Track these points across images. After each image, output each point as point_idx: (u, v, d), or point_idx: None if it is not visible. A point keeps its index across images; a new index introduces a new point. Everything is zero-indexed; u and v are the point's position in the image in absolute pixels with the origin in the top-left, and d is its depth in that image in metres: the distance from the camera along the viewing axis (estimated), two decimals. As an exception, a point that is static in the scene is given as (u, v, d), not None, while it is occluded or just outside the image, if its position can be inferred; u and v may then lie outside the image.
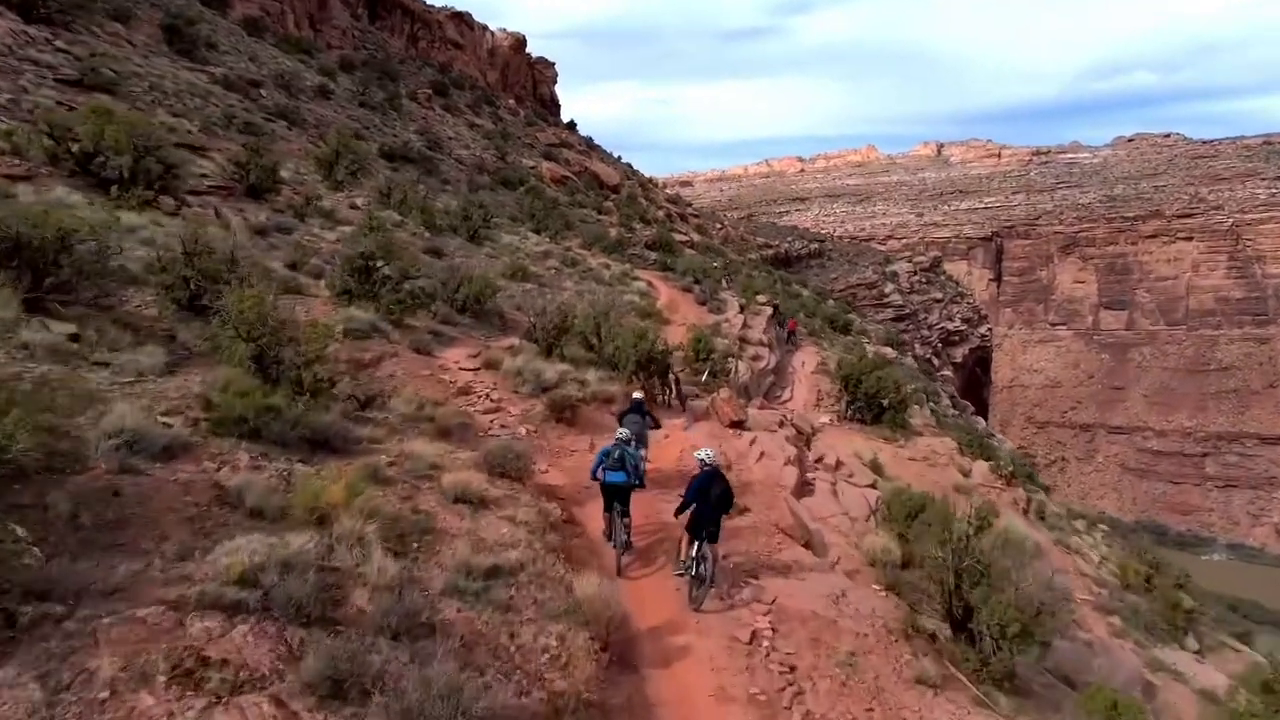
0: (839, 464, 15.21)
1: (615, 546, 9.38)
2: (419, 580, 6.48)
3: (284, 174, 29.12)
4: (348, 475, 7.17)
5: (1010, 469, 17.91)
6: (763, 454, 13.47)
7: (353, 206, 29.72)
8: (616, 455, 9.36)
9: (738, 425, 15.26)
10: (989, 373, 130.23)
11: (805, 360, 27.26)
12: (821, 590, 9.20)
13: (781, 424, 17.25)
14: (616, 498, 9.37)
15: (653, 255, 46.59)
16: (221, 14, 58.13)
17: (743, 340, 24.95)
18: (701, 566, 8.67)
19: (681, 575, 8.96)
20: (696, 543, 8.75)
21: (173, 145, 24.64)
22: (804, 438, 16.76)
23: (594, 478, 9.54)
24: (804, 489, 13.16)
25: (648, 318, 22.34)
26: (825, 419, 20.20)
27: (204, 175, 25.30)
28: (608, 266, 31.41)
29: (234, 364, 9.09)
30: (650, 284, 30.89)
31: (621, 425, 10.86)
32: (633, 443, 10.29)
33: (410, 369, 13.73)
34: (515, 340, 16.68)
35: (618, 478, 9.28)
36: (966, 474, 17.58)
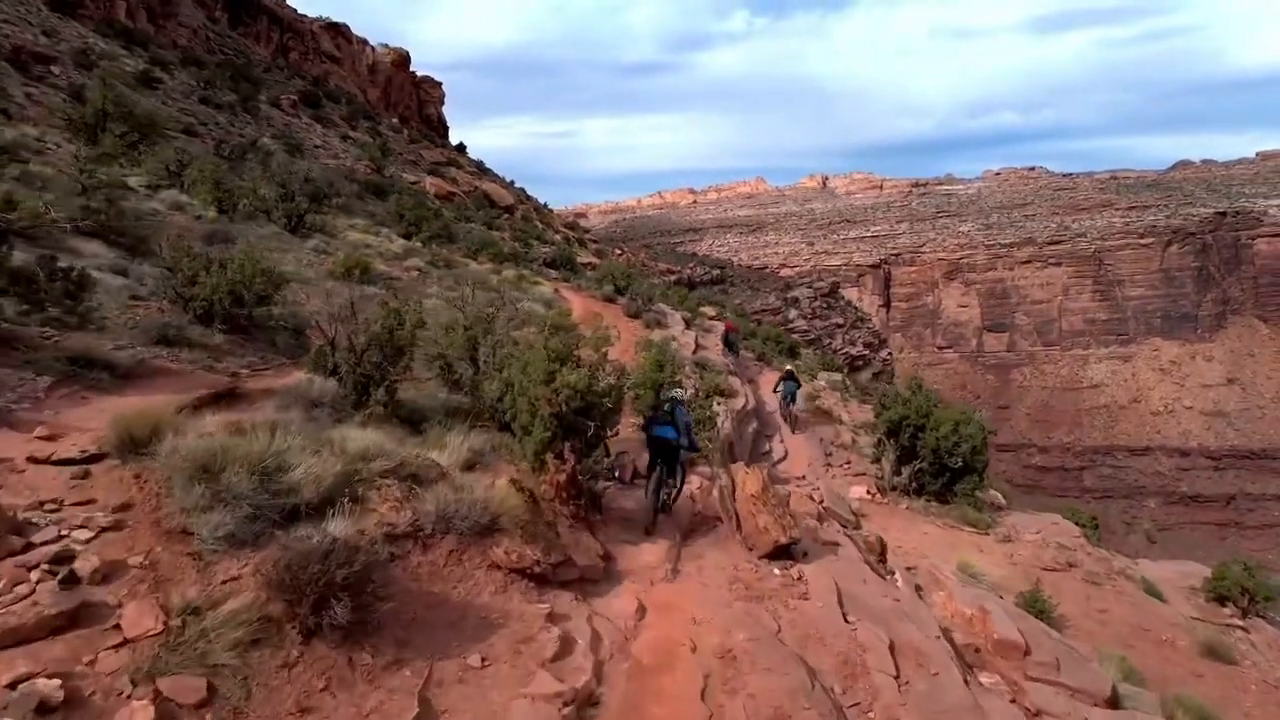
0: (1003, 644, 6.76)
1: (654, 507, 7.74)
2: None
3: (8, 135, 19.75)
4: None
5: (1230, 588, 10.19)
6: (893, 647, 5.30)
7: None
8: (667, 408, 8.14)
9: (781, 553, 7.04)
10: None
11: (780, 390, 19.49)
12: None
13: (821, 519, 9.20)
14: (663, 455, 8.00)
15: (554, 273, 38.47)
16: (18, -12, 45.07)
17: (701, 367, 16.93)
18: None
19: None
20: None
21: None
22: (875, 551, 8.75)
23: (644, 430, 8.28)
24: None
25: (560, 331, 13.97)
26: (858, 492, 12.42)
27: None
28: (498, 271, 22.68)
29: None
30: (557, 292, 22.41)
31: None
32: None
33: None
34: (297, 375, 7.80)
35: (666, 433, 7.99)
36: (1163, 598, 9.91)
